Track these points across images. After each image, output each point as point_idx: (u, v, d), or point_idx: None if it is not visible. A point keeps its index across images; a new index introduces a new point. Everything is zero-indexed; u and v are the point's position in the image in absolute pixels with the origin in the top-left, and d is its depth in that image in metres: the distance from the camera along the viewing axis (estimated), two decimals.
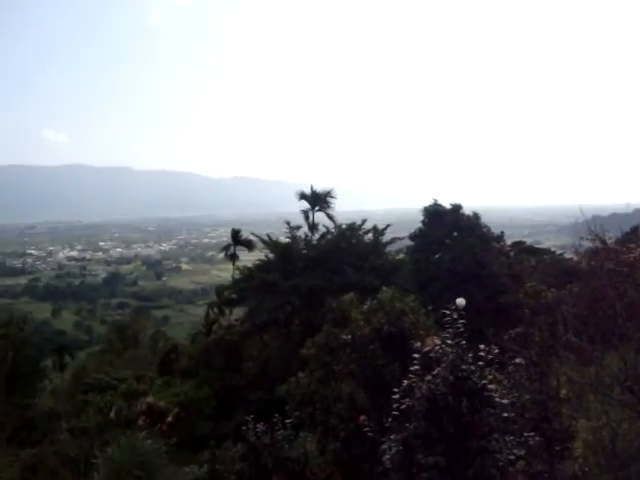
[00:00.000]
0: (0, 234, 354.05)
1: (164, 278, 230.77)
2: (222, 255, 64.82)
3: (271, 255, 43.97)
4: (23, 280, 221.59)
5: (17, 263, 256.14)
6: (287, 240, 44.41)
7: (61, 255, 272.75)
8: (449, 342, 9.16)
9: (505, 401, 9.00)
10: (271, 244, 43.86)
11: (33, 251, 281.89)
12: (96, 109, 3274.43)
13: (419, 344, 9.90)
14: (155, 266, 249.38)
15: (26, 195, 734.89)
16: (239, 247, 61.86)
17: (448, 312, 9.57)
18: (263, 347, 43.02)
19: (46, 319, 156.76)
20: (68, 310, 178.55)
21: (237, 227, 64.64)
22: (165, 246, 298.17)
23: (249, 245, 61.94)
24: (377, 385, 17.28)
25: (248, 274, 43.27)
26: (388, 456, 9.13)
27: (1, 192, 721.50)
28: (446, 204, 45.46)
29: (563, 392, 13.91)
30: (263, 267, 42.97)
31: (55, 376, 68.55)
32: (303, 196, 46.88)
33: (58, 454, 27.99)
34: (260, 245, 50.21)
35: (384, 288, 20.16)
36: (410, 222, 56.81)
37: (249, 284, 41.96)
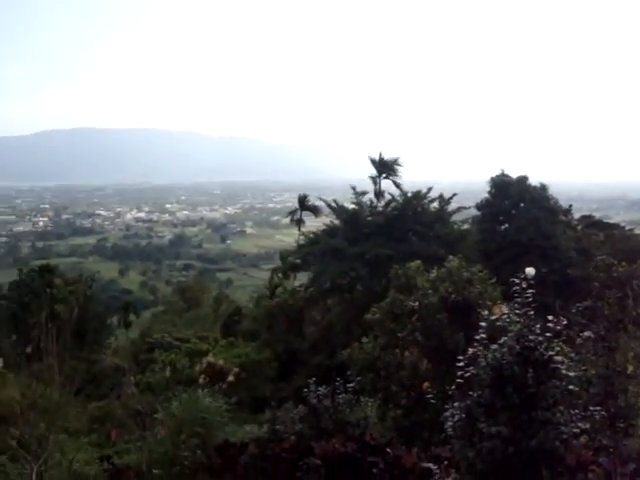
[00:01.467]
0: (70, 195, 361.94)
1: (228, 241, 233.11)
2: (286, 220, 65.48)
3: (337, 221, 43.92)
4: (92, 240, 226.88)
5: (86, 223, 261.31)
6: (353, 206, 44.24)
7: (129, 216, 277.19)
8: (517, 311, 9.10)
9: (572, 374, 8.90)
10: (338, 209, 43.66)
11: (102, 212, 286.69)
12: (166, 73, 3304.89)
13: (486, 312, 9.87)
14: (220, 229, 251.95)
15: (96, 157, 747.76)
16: (305, 212, 62.31)
17: (517, 281, 9.48)
18: (326, 312, 43.27)
19: (113, 278, 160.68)
20: (134, 270, 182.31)
21: (301, 192, 65.04)
22: (230, 210, 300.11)
23: (315, 210, 62.31)
24: (440, 354, 17.27)
25: (314, 239, 43.33)
26: (450, 423, 9.14)
27: (72, 154, 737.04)
28: (514, 175, 44.97)
29: (630, 368, 13.66)
30: (329, 233, 42.99)
31: (120, 333, 70.14)
32: (371, 162, 46.72)
33: (125, 407, 28.83)
34: (325, 211, 50.25)
35: (450, 257, 20.03)
36: (476, 192, 56.14)
37: (314, 249, 42.08)
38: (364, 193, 45.06)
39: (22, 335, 47.83)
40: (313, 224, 57.81)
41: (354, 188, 44.86)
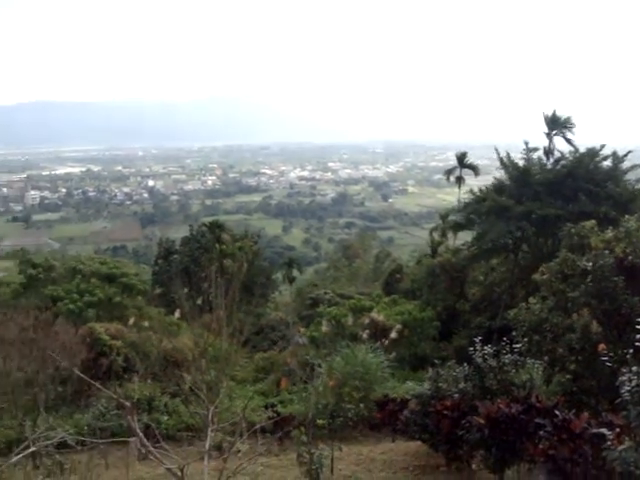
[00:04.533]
0: (236, 154, 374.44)
1: (390, 200, 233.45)
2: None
3: (504, 178, 42.42)
4: (257, 198, 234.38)
5: (252, 181, 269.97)
6: (523, 162, 42.62)
7: (292, 175, 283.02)
8: None
9: None
10: (509, 165, 42.11)
11: (267, 170, 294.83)
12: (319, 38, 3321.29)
13: None
14: (382, 188, 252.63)
15: (260, 117, 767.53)
16: (465, 171, 61.42)
17: None
18: (489, 272, 42.46)
19: (277, 235, 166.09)
20: (298, 227, 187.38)
21: (463, 150, 64.00)
22: (392, 168, 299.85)
23: (475, 169, 61.34)
24: (614, 318, 16.50)
25: (480, 197, 42.05)
26: (627, 388, 8.72)
27: (237, 115, 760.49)
28: None
29: None
30: (496, 190, 41.63)
31: (284, 289, 71.99)
32: (543, 119, 44.95)
33: (295, 357, 29.79)
34: (486, 169, 48.84)
35: (627, 216, 18.97)
36: None
37: (479, 208, 40.99)
38: (535, 149, 43.32)
39: (194, 287, 50.33)
40: (473, 183, 56.51)
41: (526, 143, 43.18)
